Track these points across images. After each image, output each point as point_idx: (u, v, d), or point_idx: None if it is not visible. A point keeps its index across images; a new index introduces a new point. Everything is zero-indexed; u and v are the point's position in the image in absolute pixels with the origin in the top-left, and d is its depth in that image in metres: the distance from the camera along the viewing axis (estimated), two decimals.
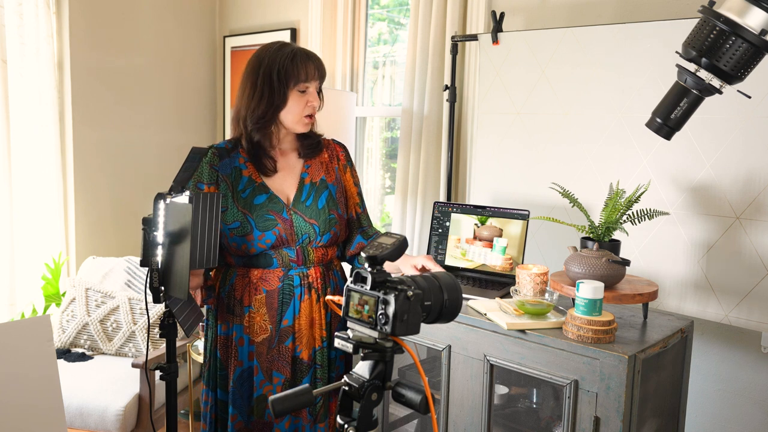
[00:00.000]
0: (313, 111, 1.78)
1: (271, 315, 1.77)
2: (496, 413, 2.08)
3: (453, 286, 1.12)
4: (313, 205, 1.80)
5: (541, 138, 2.40)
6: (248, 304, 1.77)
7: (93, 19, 3.34)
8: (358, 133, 3.36)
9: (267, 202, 1.76)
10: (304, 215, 1.78)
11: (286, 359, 1.77)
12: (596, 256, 1.86)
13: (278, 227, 1.75)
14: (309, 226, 1.78)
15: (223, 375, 1.82)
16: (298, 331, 1.78)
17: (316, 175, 1.85)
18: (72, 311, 2.95)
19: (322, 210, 1.80)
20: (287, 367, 1.77)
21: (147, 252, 1.54)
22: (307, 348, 1.79)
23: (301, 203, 1.79)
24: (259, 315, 1.77)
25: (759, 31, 1.26)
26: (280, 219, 1.75)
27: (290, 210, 1.78)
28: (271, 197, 1.77)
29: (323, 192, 1.83)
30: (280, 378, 1.77)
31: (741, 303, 1.99)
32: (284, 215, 1.76)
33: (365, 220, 1.96)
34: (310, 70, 1.75)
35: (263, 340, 1.77)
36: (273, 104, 1.76)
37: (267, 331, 1.77)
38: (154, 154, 3.68)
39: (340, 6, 3.24)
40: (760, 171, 1.94)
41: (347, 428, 1.05)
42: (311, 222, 1.78)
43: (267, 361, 1.77)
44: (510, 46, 2.47)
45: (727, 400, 2.22)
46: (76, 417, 2.53)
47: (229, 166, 1.80)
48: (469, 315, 1.93)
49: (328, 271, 1.85)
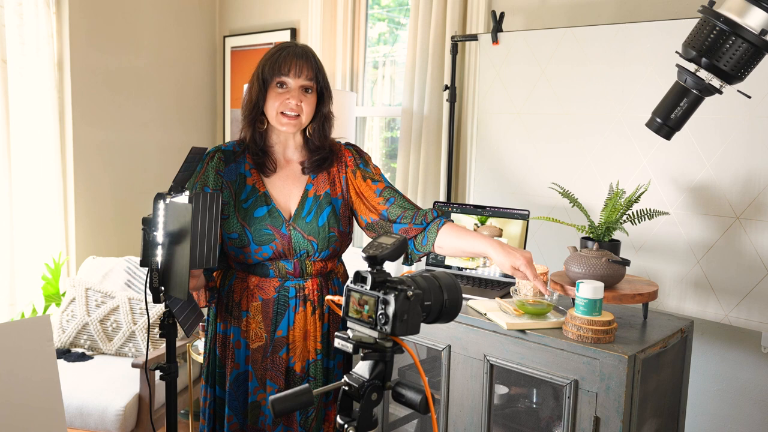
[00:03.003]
0: (289, 109, 1.68)
1: (266, 324, 1.75)
2: (496, 413, 2.07)
3: (453, 286, 1.12)
4: (313, 222, 1.74)
5: (541, 138, 2.40)
6: (246, 309, 1.76)
7: (93, 19, 3.34)
8: (358, 133, 3.36)
9: (267, 215, 1.72)
10: (303, 232, 1.73)
11: (279, 369, 1.75)
12: (596, 256, 1.86)
13: (275, 242, 1.71)
14: (307, 243, 1.73)
15: (221, 373, 1.81)
16: (292, 343, 1.75)
17: (321, 188, 1.78)
18: (72, 311, 2.95)
19: (322, 228, 1.74)
20: (281, 377, 1.75)
21: (147, 252, 1.53)
22: (301, 360, 1.76)
23: (301, 219, 1.74)
24: (255, 322, 1.75)
25: (759, 31, 1.25)
26: (278, 234, 1.71)
27: (289, 226, 1.73)
28: (271, 211, 1.73)
29: (326, 208, 1.76)
30: (273, 388, 1.75)
31: (741, 303, 1.99)
32: (283, 230, 1.72)
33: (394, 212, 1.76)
34: (292, 67, 1.67)
35: (258, 347, 1.76)
36: (255, 99, 1.71)
37: (262, 339, 1.75)
38: (154, 154, 3.68)
39: (340, 6, 3.24)
40: (760, 171, 1.94)
41: (347, 428, 1.05)
42: (310, 239, 1.73)
43: (261, 369, 1.75)
44: (510, 46, 2.47)
45: (727, 400, 2.22)
46: (76, 417, 2.53)
47: (234, 172, 1.76)
48: (469, 315, 1.93)
49: (327, 282, 1.81)
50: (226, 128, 3.95)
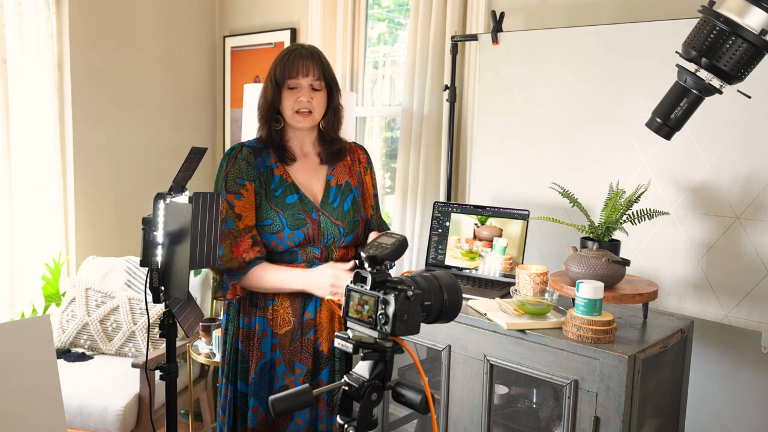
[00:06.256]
0: (302, 107, 1.82)
1: (294, 308, 1.83)
2: (496, 413, 2.07)
3: (453, 286, 1.12)
4: (339, 207, 1.88)
5: (541, 138, 2.40)
6: (272, 298, 1.82)
7: (93, 19, 3.34)
8: (358, 133, 3.36)
9: (298, 201, 1.84)
10: (332, 216, 1.86)
11: (308, 351, 1.83)
12: (596, 256, 1.86)
13: (307, 226, 1.82)
14: (335, 227, 1.85)
15: (244, 367, 1.86)
16: (319, 324, 1.84)
17: (341, 178, 1.93)
18: (72, 311, 2.95)
19: (348, 212, 1.88)
20: (309, 358, 1.83)
21: (147, 252, 1.53)
22: (327, 341, 1.85)
23: (328, 205, 1.87)
24: (283, 308, 1.83)
25: (759, 31, 1.25)
26: (309, 219, 1.83)
27: (319, 211, 1.85)
28: (301, 197, 1.84)
29: (348, 195, 1.92)
30: (302, 369, 1.83)
31: (741, 303, 1.99)
32: (313, 215, 1.84)
33: (375, 223, 2.01)
34: (299, 68, 1.81)
35: (286, 332, 1.83)
36: (270, 100, 1.85)
37: (290, 323, 1.83)
38: (154, 154, 3.68)
39: (340, 6, 3.24)
40: (760, 171, 1.94)
41: (347, 428, 1.05)
42: (337, 223, 1.86)
43: (290, 353, 1.83)
44: (510, 46, 2.47)
45: (727, 400, 2.22)
46: (76, 417, 2.53)
47: (262, 165, 1.86)
48: (469, 315, 1.93)
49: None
50: (226, 128, 3.95)
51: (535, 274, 1.92)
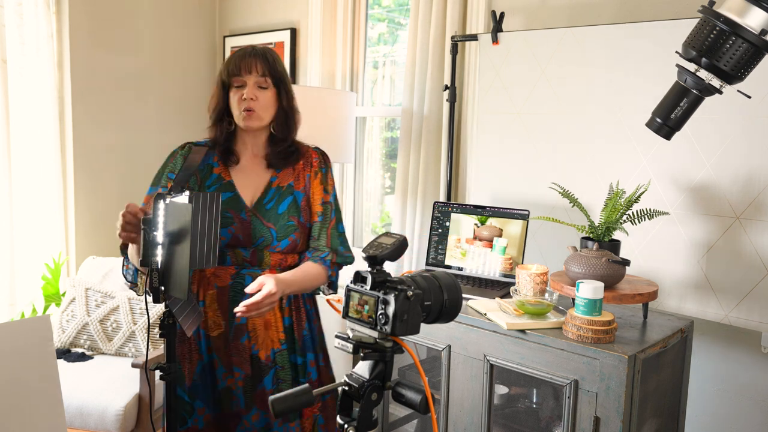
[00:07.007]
0: (248, 105, 1.74)
1: (222, 311, 1.77)
2: (496, 413, 2.08)
3: (453, 286, 1.12)
4: (273, 209, 1.78)
5: (541, 138, 2.40)
6: (202, 299, 1.78)
7: (93, 19, 3.34)
8: (358, 133, 3.36)
9: (229, 200, 1.77)
10: (263, 218, 1.77)
11: (244, 356, 1.77)
12: (596, 256, 1.86)
13: (234, 226, 1.74)
14: (266, 230, 1.76)
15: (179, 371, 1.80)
16: (253, 330, 1.77)
17: (285, 181, 1.83)
18: (72, 311, 2.95)
19: (282, 215, 1.78)
20: (246, 363, 1.77)
21: (147, 252, 1.53)
22: (264, 348, 1.77)
23: (262, 206, 1.78)
24: (212, 310, 1.77)
25: (759, 31, 1.26)
26: (237, 219, 1.75)
27: (249, 212, 1.77)
28: (235, 196, 1.78)
29: (287, 197, 1.81)
30: (240, 373, 1.77)
31: (741, 303, 1.99)
32: (242, 215, 1.76)
33: (317, 231, 1.84)
34: (243, 65, 1.77)
35: (219, 335, 1.77)
36: (218, 100, 1.81)
37: (221, 326, 1.77)
38: (153, 154, 3.66)
39: (340, 6, 3.24)
40: (761, 171, 1.94)
41: (347, 428, 1.05)
42: (269, 226, 1.76)
43: (226, 355, 1.77)
44: (510, 46, 2.47)
45: (727, 400, 2.22)
46: (76, 417, 2.53)
47: (204, 163, 1.82)
48: (469, 315, 1.93)
49: None
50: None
51: (535, 274, 1.92)
